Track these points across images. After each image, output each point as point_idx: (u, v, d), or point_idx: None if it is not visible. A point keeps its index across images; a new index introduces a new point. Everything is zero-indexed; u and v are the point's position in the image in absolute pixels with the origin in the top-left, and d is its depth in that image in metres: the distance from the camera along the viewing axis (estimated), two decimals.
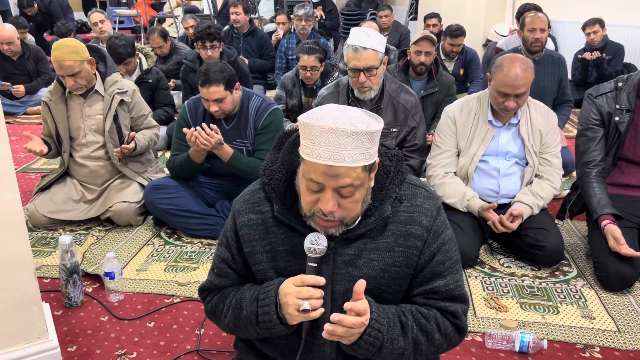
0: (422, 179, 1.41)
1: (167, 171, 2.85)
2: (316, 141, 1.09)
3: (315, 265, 1.20)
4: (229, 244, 1.34)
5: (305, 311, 1.16)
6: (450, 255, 1.29)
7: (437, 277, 1.28)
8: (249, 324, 1.26)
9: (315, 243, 1.19)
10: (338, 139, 1.08)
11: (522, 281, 2.35)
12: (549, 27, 3.46)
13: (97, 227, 2.85)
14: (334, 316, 1.14)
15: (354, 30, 2.60)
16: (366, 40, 2.53)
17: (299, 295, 1.17)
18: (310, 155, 1.11)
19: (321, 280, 1.18)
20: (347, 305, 1.15)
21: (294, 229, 1.26)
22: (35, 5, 5.24)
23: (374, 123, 1.13)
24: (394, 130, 2.72)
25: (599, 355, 1.90)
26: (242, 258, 1.34)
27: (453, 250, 1.30)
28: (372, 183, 1.21)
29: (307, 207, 1.18)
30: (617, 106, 2.35)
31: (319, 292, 1.18)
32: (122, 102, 2.83)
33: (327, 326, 1.15)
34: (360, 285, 1.15)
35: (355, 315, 1.15)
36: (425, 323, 1.25)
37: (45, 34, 6.14)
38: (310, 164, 1.12)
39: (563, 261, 2.48)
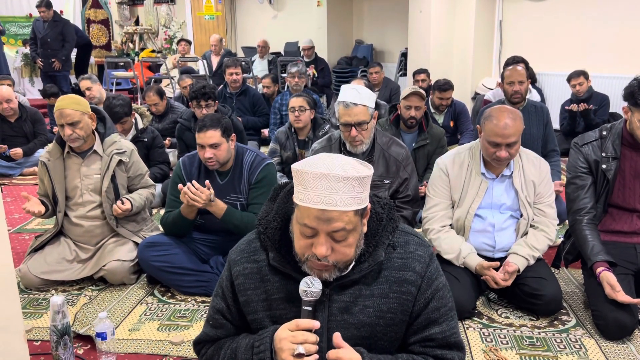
0: (417, 230, 1.43)
1: (162, 228, 2.85)
2: (309, 187, 1.13)
3: (310, 309, 1.21)
4: (225, 295, 1.35)
5: (300, 355, 1.16)
6: (445, 302, 1.29)
7: (432, 324, 1.28)
8: None
9: (309, 286, 1.20)
10: (330, 184, 1.12)
11: (521, 332, 2.31)
12: (531, 78, 3.57)
13: (90, 287, 2.82)
14: (329, 354, 1.15)
15: (344, 88, 2.68)
16: (356, 96, 2.60)
17: (294, 340, 1.17)
18: (303, 201, 1.14)
19: (316, 324, 1.18)
20: (330, 353, 1.15)
21: (289, 277, 1.27)
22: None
23: (364, 169, 1.18)
24: (387, 182, 2.75)
25: None
26: (237, 308, 1.34)
27: (447, 297, 1.31)
28: (365, 229, 1.23)
29: (301, 251, 1.20)
30: (603, 154, 2.39)
31: (314, 337, 1.18)
32: (120, 162, 2.86)
33: None
34: (337, 338, 1.17)
35: None
36: None
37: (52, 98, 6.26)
38: (303, 209, 1.15)
39: (561, 310, 2.45)
